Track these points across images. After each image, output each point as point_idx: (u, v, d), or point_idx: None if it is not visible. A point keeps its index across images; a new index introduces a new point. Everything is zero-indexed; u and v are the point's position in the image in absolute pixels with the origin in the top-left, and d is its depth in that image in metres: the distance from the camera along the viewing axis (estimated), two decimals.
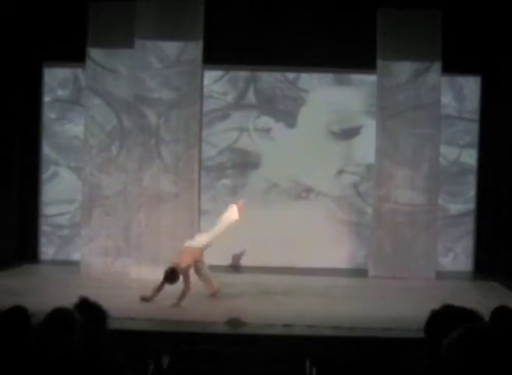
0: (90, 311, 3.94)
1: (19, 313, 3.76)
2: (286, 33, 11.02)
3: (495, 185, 11.18)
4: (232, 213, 8.80)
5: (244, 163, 11.77)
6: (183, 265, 8.39)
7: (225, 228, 8.78)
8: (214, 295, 8.89)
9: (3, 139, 11.04)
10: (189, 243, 8.74)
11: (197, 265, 8.79)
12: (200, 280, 8.91)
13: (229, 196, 11.62)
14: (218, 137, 11.68)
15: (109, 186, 10.79)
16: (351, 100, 11.66)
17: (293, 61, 11.19)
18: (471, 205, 11.64)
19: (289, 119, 11.70)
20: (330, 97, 11.65)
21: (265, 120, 11.72)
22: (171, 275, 8.28)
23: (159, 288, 8.40)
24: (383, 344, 6.94)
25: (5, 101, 10.99)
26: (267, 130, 11.74)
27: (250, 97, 11.73)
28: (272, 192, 11.79)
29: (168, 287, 8.42)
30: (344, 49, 10.90)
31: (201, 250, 8.71)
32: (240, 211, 8.80)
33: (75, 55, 10.84)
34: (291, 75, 11.70)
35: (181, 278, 8.36)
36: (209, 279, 8.92)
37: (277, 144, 11.70)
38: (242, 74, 11.84)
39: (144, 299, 8.41)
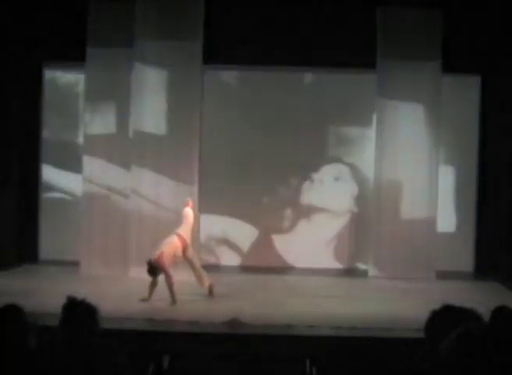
0: (79, 310, 3.93)
1: (12, 311, 3.77)
2: (286, 33, 11.02)
3: (495, 185, 11.18)
4: (189, 213, 9.09)
5: (244, 163, 11.74)
6: (156, 255, 8.47)
7: (193, 223, 9.10)
8: (212, 294, 8.90)
9: (3, 139, 11.03)
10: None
11: (187, 257, 8.87)
12: (194, 275, 8.98)
13: (229, 196, 11.64)
14: (219, 137, 11.65)
15: (109, 185, 10.79)
16: (351, 100, 11.64)
17: (293, 61, 11.19)
18: (471, 205, 11.63)
19: (290, 119, 11.67)
20: (330, 97, 11.63)
21: (266, 121, 11.69)
22: (148, 269, 8.41)
23: (151, 285, 8.50)
24: (383, 344, 6.94)
25: (5, 102, 10.98)
26: (267, 130, 11.72)
27: (250, 97, 11.70)
28: (271, 192, 11.78)
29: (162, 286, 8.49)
30: (344, 49, 10.91)
31: (180, 240, 8.78)
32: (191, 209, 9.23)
33: (75, 55, 10.84)
34: (291, 75, 11.67)
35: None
36: (199, 273, 8.98)
37: (277, 144, 11.68)
38: (242, 74, 11.83)
39: (143, 300, 8.45)
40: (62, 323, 3.89)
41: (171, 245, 8.69)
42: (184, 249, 8.81)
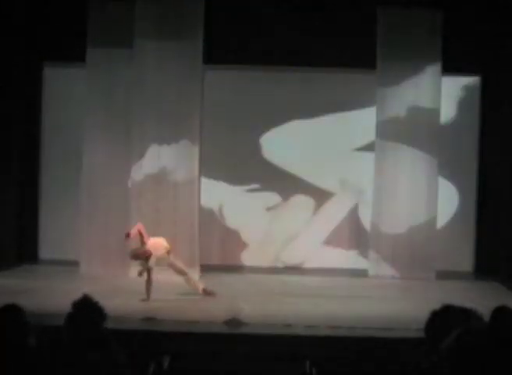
0: (89, 309, 3.95)
1: (12, 311, 3.78)
2: (286, 33, 11.02)
3: (495, 185, 11.18)
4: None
5: (244, 163, 11.73)
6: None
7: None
8: (211, 294, 8.90)
9: (3, 139, 11.03)
10: None
11: (170, 263, 8.94)
12: (186, 283, 9.04)
13: (228, 196, 11.65)
14: (219, 137, 11.64)
15: (109, 185, 10.79)
16: (351, 100, 11.63)
17: (293, 61, 11.19)
18: (471, 205, 11.63)
19: (290, 119, 11.67)
20: (330, 97, 11.63)
21: (266, 121, 11.69)
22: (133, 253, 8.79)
23: (147, 284, 8.57)
24: (383, 344, 6.94)
25: (5, 101, 10.98)
26: (267, 130, 11.72)
27: (250, 97, 11.69)
28: (272, 192, 11.77)
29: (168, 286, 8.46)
30: (344, 49, 10.91)
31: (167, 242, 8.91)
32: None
33: (75, 55, 10.84)
34: (291, 75, 11.66)
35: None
36: (190, 281, 9.02)
37: (277, 144, 11.68)
38: (242, 74, 11.82)
39: (143, 300, 8.47)
40: (68, 319, 3.90)
41: (160, 242, 8.84)
42: (169, 253, 8.88)
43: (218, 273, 10.64)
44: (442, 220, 11.25)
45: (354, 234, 11.72)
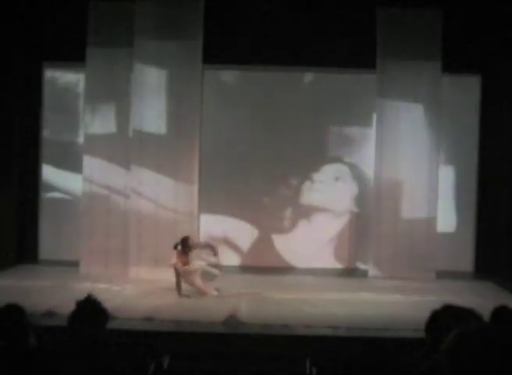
0: (92, 309, 3.96)
1: (12, 311, 3.79)
2: (286, 33, 11.02)
3: (495, 185, 11.18)
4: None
5: (244, 163, 11.74)
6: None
7: None
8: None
9: (3, 139, 11.03)
10: None
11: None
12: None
13: (228, 196, 11.64)
14: (219, 137, 11.64)
15: (109, 185, 10.80)
16: (351, 100, 11.63)
17: (293, 61, 11.19)
18: (471, 205, 11.63)
19: (290, 119, 11.67)
20: (330, 97, 11.63)
21: (266, 120, 11.69)
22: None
23: (178, 283, 8.82)
24: (383, 344, 6.94)
25: (5, 101, 10.98)
26: (267, 130, 11.72)
27: (250, 97, 11.70)
28: (271, 192, 11.77)
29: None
30: (344, 49, 10.91)
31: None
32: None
33: (75, 55, 10.84)
34: (291, 75, 11.67)
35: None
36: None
37: (277, 144, 11.68)
38: (242, 74, 11.82)
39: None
40: (72, 318, 3.91)
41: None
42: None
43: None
44: (442, 220, 11.25)
45: (354, 234, 11.72)
